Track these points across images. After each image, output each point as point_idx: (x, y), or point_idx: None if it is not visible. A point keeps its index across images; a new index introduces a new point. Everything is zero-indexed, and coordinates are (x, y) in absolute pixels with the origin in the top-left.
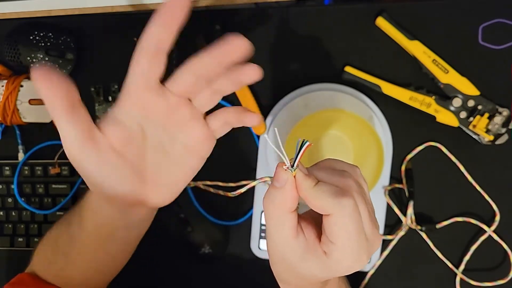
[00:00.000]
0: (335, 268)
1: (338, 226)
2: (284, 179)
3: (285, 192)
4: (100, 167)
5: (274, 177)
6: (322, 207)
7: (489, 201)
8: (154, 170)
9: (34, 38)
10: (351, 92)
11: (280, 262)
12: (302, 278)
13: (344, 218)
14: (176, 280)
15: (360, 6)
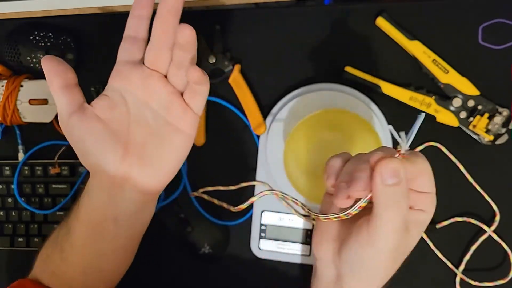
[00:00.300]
0: (431, 214)
1: (430, 175)
2: (398, 169)
3: (405, 181)
4: (86, 134)
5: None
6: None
7: (489, 201)
8: (139, 144)
9: (34, 38)
10: (351, 92)
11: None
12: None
13: (430, 168)
14: (176, 280)
15: (360, 6)
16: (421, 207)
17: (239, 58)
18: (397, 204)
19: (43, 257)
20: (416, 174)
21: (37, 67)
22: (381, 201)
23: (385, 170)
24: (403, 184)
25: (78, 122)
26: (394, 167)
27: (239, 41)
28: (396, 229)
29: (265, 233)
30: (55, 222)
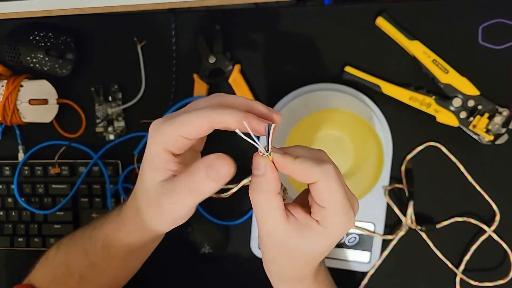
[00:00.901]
0: (332, 233)
1: (326, 190)
2: (263, 164)
3: (267, 175)
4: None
5: (254, 167)
6: (308, 175)
7: (489, 201)
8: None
9: (34, 38)
10: (351, 92)
11: (278, 251)
12: (301, 260)
13: (329, 181)
14: (176, 280)
15: (360, 6)
16: (316, 218)
17: (239, 58)
18: (261, 188)
19: (48, 278)
20: (306, 181)
21: (37, 67)
22: (251, 186)
23: (255, 162)
24: (268, 176)
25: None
26: (261, 162)
27: (239, 41)
28: (268, 210)
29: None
30: (55, 222)
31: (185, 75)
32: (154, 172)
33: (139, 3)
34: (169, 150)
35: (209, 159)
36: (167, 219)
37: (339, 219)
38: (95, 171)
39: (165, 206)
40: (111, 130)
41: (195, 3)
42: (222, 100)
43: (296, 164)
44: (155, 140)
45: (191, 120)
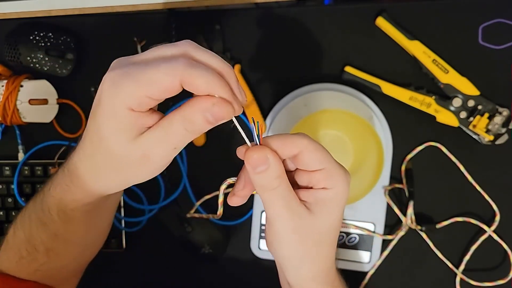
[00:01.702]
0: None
1: (316, 150)
2: (265, 156)
3: (273, 166)
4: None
5: (253, 164)
6: (295, 144)
7: (489, 201)
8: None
9: (34, 38)
10: (351, 92)
11: (308, 244)
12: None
13: (313, 142)
14: (176, 280)
15: (360, 6)
16: (321, 185)
17: (239, 58)
18: (271, 185)
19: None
20: (294, 152)
21: (37, 67)
22: (258, 187)
23: (253, 160)
24: (273, 166)
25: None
26: (260, 155)
27: (239, 41)
28: (282, 207)
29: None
30: None
31: None
32: (124, 134)
33: (139, 3)
34: (136, 110)
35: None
36: (154, 169)
37: (339, 171)
38: None
39: (156, 157)
40: None
41: (195, 3)
42: (194, 54)
43: (281, 139)
44: (117, 102)
45: (159, 79)
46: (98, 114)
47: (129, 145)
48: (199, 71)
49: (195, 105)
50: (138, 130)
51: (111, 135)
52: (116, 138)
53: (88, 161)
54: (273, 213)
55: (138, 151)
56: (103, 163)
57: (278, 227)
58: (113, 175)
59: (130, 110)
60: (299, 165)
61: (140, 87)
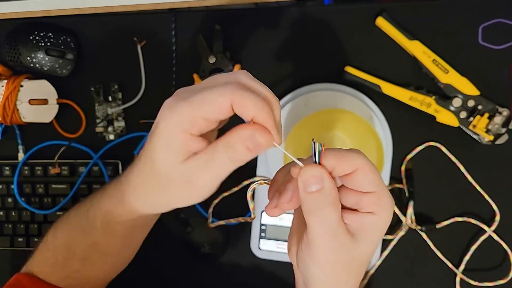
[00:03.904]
0: (387, 215)
1: (371, 171)
2: (319, 175)
3: (327, 187)
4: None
5: (307, 183)
6: (353, 163)
7: (489, 201)
8: None
9: (34, 38)
10: (351, 92)
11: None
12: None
13: (369, 162)
14: (176, 280)
15: (360, 6)
16: (369, 209)
17: (239, 58)
18: (322, 210)
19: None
20: (349, 171)
21: (37, 67)
22: (307, 208)
23: (306, 177)
24: (327, 189)
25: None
26: (315, 173)
27: (239, 41)
28: (329, 237)
29: (265, 233)
30: (54, 222)
31: (185, 75)
32: (174, 155)
33: (139, 3)
34: (188, 132)
35: (248, 132)
36: (198, 195)
37: (388, 198)
38: (95, 171)
39: (200, 182)
40: (111, 130)
41: (195, 3)
42: (246, 82)
43: (337, 156)
44: (171, 122)
45: (212, 99)
46: (153, 135)
47: (177, 167)
48: (249, 94)
49: (237, 132)
50: (187, 154)
51: (162, 155)
52: (166, 158)
53: (138, 179)
54: (318, 241)
55: (184, 175)
56: (151, 183)
57: (318, 254)
58: (159, 195)
59: (182, 131)
60: (350, 184)
61: (193, 107)
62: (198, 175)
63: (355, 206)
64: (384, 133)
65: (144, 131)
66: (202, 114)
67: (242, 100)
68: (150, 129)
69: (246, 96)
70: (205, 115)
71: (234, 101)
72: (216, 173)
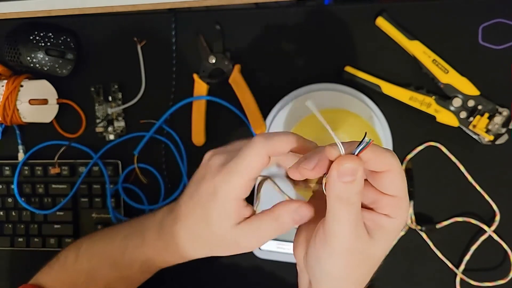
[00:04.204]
0: (401, 221)
1: (399, 176)
2: (355, 168)
3: (358, 183)
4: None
5: (342, 173)
6: (387, 162)
7: (489, 201)
8: None
9: (34, 38)
10: (351, 92)
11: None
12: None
13: (400, 167)
14: (176, 280)
15: (360, 6)
16: (385, 211)
17: (239, 58)
18: (349, 200)
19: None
20: (379, 169)
21: (37, 67)
22: (335, 194)
23: (344, 167)
24: (358, 181)
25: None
26: (353, 166)
27: (239, 41)
28: (348, 225)
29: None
30: (55, 222)
31: (185, 75)
32: (228, 219)
33: (139, 3)
34: (241, 199)
35: (294, 206)
36: (237, 252)
37: (406, 204)
38: (95, 171)
39: (244, 244)
40: (111, 130)
41: (195, 3)
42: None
43: (374, 152)
44: (226, 193)
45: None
46: (208, 202)
47: (230, 231)
48: (275, 137)
49: (284, 206)
50: (238, 219)
51: (218, 221)
52: (221, 224)
53: (191, 235)
54: (338, 228)
55: (234, 237)
56: (205, 240)
57: (335, 243)
58: (208, 249)
59: (237, 200)
60: (374, 182)
61: (244, 177)
62: (246, 239)
63: (372, 204)
64: (384, 133)
65: (144, 131)
66: (252, 177)
67: (273, 146)
68: (150, 129)
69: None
70: (254, 176)
71: (269, 151)
72: (261, 239)
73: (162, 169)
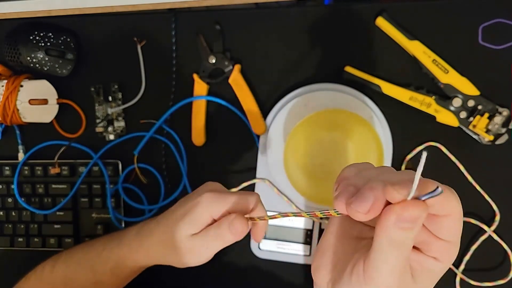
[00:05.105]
0: (448, 265)
1: (458, 222)
2: (419, 218)
3: (419, 227)
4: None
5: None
6: (450, 207)
7: (489, 201)
8: None
9: (34, 38)
10: (351, 92)
11: None
12: None
13: (460, 213)
14: (176, 280)
15: (360, 6)
16: (434, 255)
17: (239, 58)
18: (402, 245)
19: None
20: (441, 214)
21: (37, 67)
22: (390, 239)
23: (406, 214)
24: (417, 230)
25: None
26: (416, 215)
27: (239, 41)
28: (396, 269)
29: (265, 233)
30: (55, 222)
31: (185, 75)
32: (192, 227)
33: (139, 3)
34: (213, 218)
35: (230, 218)
36: (195, 260)
37: (458, 248)
38: (95, 171)
39: (196, 249)
40: (111, 130)
41: (195, 3)
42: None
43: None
44: (205, 208)
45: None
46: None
47: (189, 239)
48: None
49: (225, 217)
50: (199, 229)
51: (184, 226)
52: (186, 229)
53: (157, 238)
54: (384, 271)
55: (189, 245)
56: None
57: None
58: (168, 256)
59: (211, 217)
60: (430, 225)
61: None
62: (199, 247)
63: (420, 244)
64: (384, 133)
65: (144, 131)
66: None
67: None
68: (150, 129)
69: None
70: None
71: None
72: (206, 246)
73: (162, 169)
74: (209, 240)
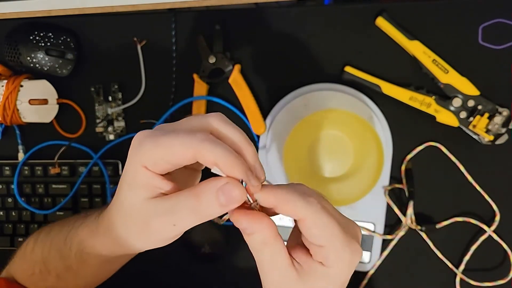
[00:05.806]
0: (338, 271)
1: (316, 225)
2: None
3: (264, 230)
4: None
5: (244, 228)
6: (295, 210)
7: (489, 201)
8: None
9: (34, 38)
10: (351, 92)
11: None
12: None
13: (317, 214)
14: (176, 280)
15: (360, 6)
16: (319, 259)
17: (239, 58)
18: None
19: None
20: (293, 217)
21: (37, 67)
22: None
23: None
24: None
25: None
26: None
27: (239, 41)
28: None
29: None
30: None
31: (185, 75)
32: (136, 190)
33: (139, 3)
34: (151, 169)
35: (220, 183)
36: (154, 240)
37: (341, 254)
38: (95, 171)
39: (154, 226)
40: (111, 130)
41: (195, 3)
42: (217, 128)
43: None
44: (135, 157)
45: (174, 146)
46: (123, 170)
47: (139, 205)
48: (212, 148)
49: (208, 182)
50: (151, 192)
51: (124, 189)
52: (129, 194)
53: (109, 213)
54: (260, 271)
55: (143, 214)
56: (117, 218)
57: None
58: (122, 234)
59: (144, 167)
60: (301, 229)
61: (156, 149)
62: (156, 218)
63: (308, 246)
64: (384, 133)
65: None
66: (164, 157)
67: (203, 154)
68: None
69: (208, 150)
70: (166, 159)
71: (196, 155)
72: (173, 222)
73: None
74: (179, 214)
